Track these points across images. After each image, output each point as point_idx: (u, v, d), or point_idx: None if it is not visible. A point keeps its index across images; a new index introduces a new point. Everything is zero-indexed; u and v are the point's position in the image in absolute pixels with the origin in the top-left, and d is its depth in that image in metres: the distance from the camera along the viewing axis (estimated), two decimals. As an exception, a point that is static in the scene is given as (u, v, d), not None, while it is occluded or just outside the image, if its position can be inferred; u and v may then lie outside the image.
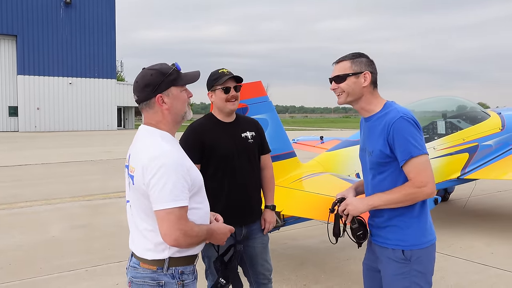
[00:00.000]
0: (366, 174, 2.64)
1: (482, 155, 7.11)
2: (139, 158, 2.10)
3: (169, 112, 2.18)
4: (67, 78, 43.66)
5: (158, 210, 2.02)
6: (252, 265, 3.33)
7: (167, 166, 2.01)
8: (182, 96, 2.21)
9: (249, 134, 3.24)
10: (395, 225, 2.50)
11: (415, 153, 2.36)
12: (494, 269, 5.25)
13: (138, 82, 2.19)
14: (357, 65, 2.52)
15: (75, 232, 7.01)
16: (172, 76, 2.17)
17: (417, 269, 2.47)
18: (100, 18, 44.77)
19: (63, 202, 9.29)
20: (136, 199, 2.14)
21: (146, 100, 2.18)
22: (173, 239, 2.02)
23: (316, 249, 6.04)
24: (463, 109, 7.88)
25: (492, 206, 8.66)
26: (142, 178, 2.05)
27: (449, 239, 6.42)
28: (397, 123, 2.39)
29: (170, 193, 1.99)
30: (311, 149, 9.38)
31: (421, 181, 2.36)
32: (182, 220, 2.03)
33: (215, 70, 3.22)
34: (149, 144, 2.12)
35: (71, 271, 5.21)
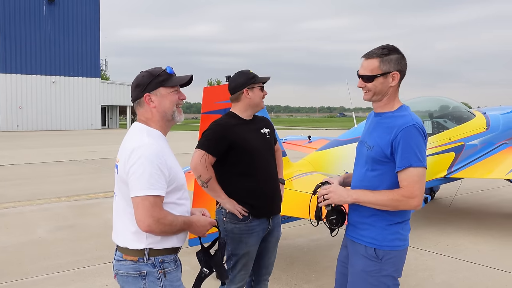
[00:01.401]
0: (360, 166, 2.61)
1: (468, 154, 7.22)
2: (124, 150, 2.26)
3: (157, 110, 2.33)
4: (50, 76, 43.06)
5: (134, 197, 2.15)
6: (260, 257, 3.37)
7: (145, 156, 2.16)
8: (170, 96, 2.34)
9: (266, 131, 3.38)
10: (372, 224, 2.51)
11: (415, 163, 2.35)
12: (481, 267, 5.33)
13: (133, 83, 2.39)
14: (386, 64, 2.44)
15: (61, 232, 6.92)
16: (161, 78, 2.33)
17: (387, 269, 2.48)
18: (84, 16, 44.26)
19: (48, 202, 9.16)
20: (120, 188, 2.29)
21: (137, 99, 2.36)
22: (146, 225, 2.13)
23: (307, 248, 6.06)
24: (449, 109, 7.99)
25: (477, 205, 8.79)
26: (124, 167, 2.21)
27: (436, 237, 6.51)
28: (409, 129, 2.38)
29: (146, 181, 2.13)
30: (299, 149, 9.42)
31: (411, 192, 2.36)
32: (156, 208, 2.14)
33: (241, 71, 3.34)
34: (134, 137, 2.29)
35: (59, 273, 5.14)
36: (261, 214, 3.23)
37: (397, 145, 2.39)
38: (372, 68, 2.47)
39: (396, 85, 2.50)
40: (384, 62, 2.45)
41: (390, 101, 2.53)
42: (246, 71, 3.33)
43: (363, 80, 2.51)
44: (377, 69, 2.46)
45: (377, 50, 2.49)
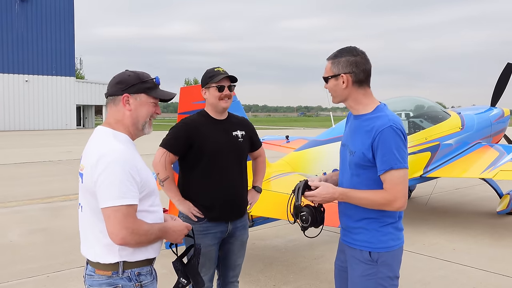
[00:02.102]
0: (345, 171, 2.59)
1: (443, 153, 7.32)
2: (89, 157, 2.09)
3: (130, 115, 2.19)
4: (23, 75, 42.07)
5: (104, 208, 1.99)
6: (225, 259, 3.33)
7: (115, 163, 2.00)
8: (148, 106, 2.21)
9: (239, 133, 3.28)
10: (364, 227, 2.50)
11: (396, 165, 2.34)
12: (457, 265, 5.40)
13: (115, 78, 2.23)
14: (335, 66, 2.46)
15: (34, 236, 6.74)
16: (147, 84, 2.20)
17: (383, 271, 2.47)
18: (57, 14, 43.38)
19: (20, 205, 8.92)
20: (86, 199, 2.12)
21: (113, 95, 2.20)
22: (120, 237, 1.98)
23: (284, 248, 6.04)
24: (425, 108, 8.09)
25: (452, 203, 8.93)
26: (91, 176, 2.03)
27: (413, 236, 6.56)
28: (386, 131, 2.35)
29: (117, 190, 1.97)
30: (277, 149, 9.42)
31: (393, 195, 2.35)
32: (129, 218, 1.99)
33: (211, 68, 3.25)
34: (100, 142, 2.12)
35: (30, 278, 4.99)
36: (216, 218, 3.17)
37: (376, 148, 2.37)
38: (327, 70, 2.52)
39: (350, 87, 2.47)
40: (334, 64, 2.48)
41: (359, 102, 2.51)
42: (210, 69, 3.25)
43: (324, 81, 2.56)
44: (329, 71, 2.50)
45: (335, 52, 2.52)
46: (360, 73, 2.47)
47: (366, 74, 2.49)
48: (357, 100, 2.50)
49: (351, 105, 2.54)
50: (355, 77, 2.46)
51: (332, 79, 2.47)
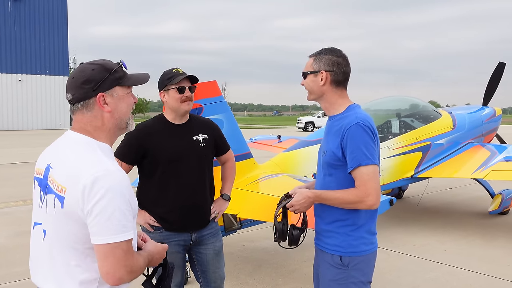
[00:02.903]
0: (319, 172, 2.59)
1: (434, 153, 7.28)
2: (74, 176, 1.68)
3: (112, 116, 1.81)
4: (16, 75, 41.79)
5: (101, 245, 1.64)
6: (203, 271, 3.21)
7: (114, 189, 1.64)
8: (127, 99, 1.85)
9: (201, 137, 3.10)
10: (335, 231, 2.46)
11: (364, 162, 2.32)
12: (447, 267, 5.35)
13: (75, 77, 1.80)
14: (317, 63, 2.47)
15: (22, 238, 6.63)
16: (117, 74, 1.82)
17: (355, 275, 2.43)
18: (51, 12, 43.12)
19: (9, 206, 8.81)
20: (61, 226, 1.72)
21: (83, 99, 1.78)
22: (117, 278, 1.66)
23: (274, 250, 5.97)
24: (416, 108, 8.05)
25: (444, 203, 8.90)
26: (82, 203, 1.64)
27: (404, 237, 6.53)
28: (352, 129, 2.35)
29: (118, 223, 1.64)
30: (268, 149, 9.36)
31: (364, 192, 2.32)
32: (128, 255, 1.68)
33: (169, 69, 3.07)
34: (87, 159, 1.71)
35: (15, 282, 4.90)
36: (174, 228, 3.03)
37: (345, 146, 2.37)
38: (307, 65, 2.53)
39: (327, 86, 2.48)
40: (316, 61, 2.49)
41: (333, 103, 2.52)
42: (168, 70, 3.06)
43: (302, 77, 2.56)
44: (309, 67, 2.52)
45: (319, 50, 2.55)
46: (340, 73, 2.48)
47: (345, 77, 2.51)
48: (331, 100, 2.51)
49: (325, 105, 2.55)
50: (334, 76, 2.47)
51: (311, 75, 2.48)
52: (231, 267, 5.28)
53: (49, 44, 43.11)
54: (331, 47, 2.54)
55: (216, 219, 3.27)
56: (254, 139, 9.97)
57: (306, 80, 2.51)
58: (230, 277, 4.96)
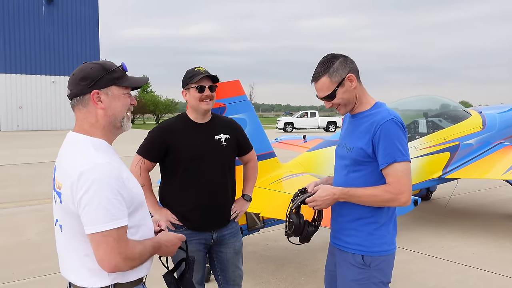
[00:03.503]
0: (340, 169, 2.52)
1: (463, 154, 7.11)
2: (66, 173, 1.79)
3: (105, 114, 1.89)
4: (50, 76, 42.96)
5: (93, 234, 1.72)
6: (222, 270, 3.22)
7: (100, 181, 1.72)
8: (123, 99, 1.92)
9: (223, 137, 3.09)
10: (356, 229, 2.41)
11: (399, 158, 2.28)
12: (475, 270, 5.22)
13: (75, 74, 1.90)
14: (335, 75, 2.38)
15: (52, 234, 6.80)
16: (115, 74, 1.90)
17: (376, 275, 2.39)
18: (83, 16, 44.14)
19: (41, 203, 9.06)
20: (65, 219, 1.84)
21: (79, 95, 1.88)
22: (113, 265, 1.74)
23: (297, 250, 5.95)
24: (445, 108, 7.88)
25: (473, 205, 8.68)
26: (71, 196, 1.75)
27: (431, 239, 6.40)
28: (387, 124, 2.31)
29: (106, 212, 1.71)
30: (294, 149, 9.33)
31: (399, 188, 2.28)
32: (121, 242, 1.74)
33: (191, 68, 3.09)
34: (78, 155, 1.81)
35: (43, 276, 5.05)
36: (195, 227, 3.04)
37: (377, 142, 2.31)
38: (327, 87, 2.40)
39: (357, 85, 2.43)
40: (332, 74, 2.39)
41: (361, 101, 2.47)
42: (190, 69, 3.07)
43: (327, 101, 2.45)
44: (331, 84, 2.39)
45: (319, 68, 2.42)
46: (356, 67, 2.45)
47: (358, 70, 2.47)
48: (363, 99, 2.47)
49: (357, 104, 2.47)
50: (356, 73, 2.43)
51: (340, 89, 2.38)
52: (254, 266, 5.30)
53: (81, 46, 44.12)
54: (325, 57, 2.45)
55: (237, 219, 3.27)
56: (279, 139, 9.96)
57: (337, 97, 2.40)
58: (252, 275, 4.99)
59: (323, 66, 2.41)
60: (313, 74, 2.45)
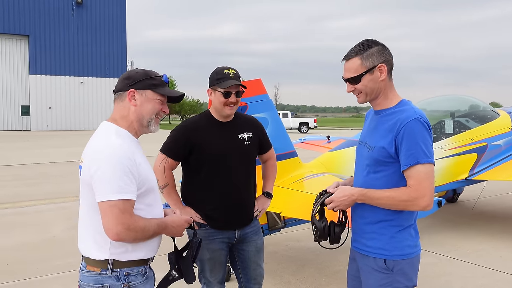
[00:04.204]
0: (361, 169, 2.43)
1: (491, 155, 6.92)
2: (88, 150, 2.10)
3: (135, 111, 2.17)
4: (79, 77, 43.83)
5: (101, 202, 1.97)
6: (244, 268, 3.21)
7: (112, 157, 1.98)
8: (155, 103, 2.20)
9: (246, 136, 3.08)
10: (377, 232, 2.32)
11: (423, 160, 2.17)
12: (502, 274, 5.07)
13: (123, 74, 2.27)
14: (368, 59, 2.26)
15: (76, 232, 6.90)
16: (154, 81, 2.20)
17: (400, 280, 2.29)
18: (111, 18, 44.92)
19: (67, 201, 9.25)
20: (84, 193, 2.11)
21: (120, 90, 2.20)
22: (115, 233, 1.95)
23: (319, 250, 5.89)
24: (472, 108, 7.69)
25: (501, 208, 8.44)
26: (88, 169, 2.02)
27: (457, 242, 6.25)
28: (411, 124, 2.19)
29: (115, 184, 1.95)
30: (317, 149, 9.25)
31: (419, 192, 2.17)
32: (126, 214, 1.96)
33: (221, 67, 3.04)
34: (100, 136, 2.12)
35: (68, 272, 5.14)
36: (220, 226, 3.03)
37: (400, 142, 2.20)
38: (355, 68, 2.29)
39: (386, 78, 2.31)
40: (366, 58, 2.27)
41: (387, 96, 2.35)
42: (220, 69, 3.02)
43: (350, 84, 2.34)
44: (360, 67, 2.28)
45: (355, 48, 2.32)
46: (392, 61, 2.33)
47: (392, 64, 2.35)
48: (388, 94, 2.34)
49: (379, 101, 2.36)
50: (389, 65, 2.32)
51: (367, 75, 2.27)
52: (274, 266, 5.27)
53: (109, 48, 44.89)
54: (366, 40, 2.34)
55: (258, 217, 3.26)
56: (303, 140, 9.91)
57: (362, 82, 2.29)
58: (273, 275, 4.96)
59: (360, 47, 2.31)
60: (347, 52, 2.35)
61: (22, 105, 42.71)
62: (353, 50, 2.32)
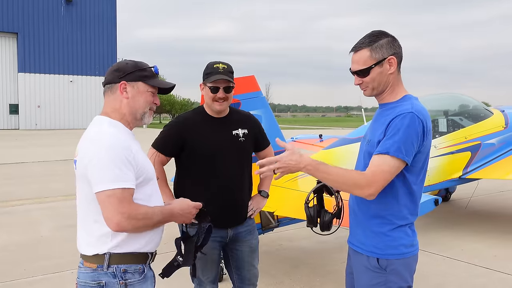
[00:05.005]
0: (360, 163, 2.35)
1: (485, 154, 6.90)
2: (81, 142, 2.05)
3: (128, 104, 2.12)
4: (68, 76, 43.45)
5: (98, 192, 1.90)
6: (238, 268, 3.12)
7: (108, 145, 1.94)
8: (146, 95, 2.14)
9: (240, 132, 2.99)
10: (371, 229, 2.23)
11: (394, 153, 2.05)
12: (498, 273, 5.03)
13: (113, 65, 2.19)
14: (377, 51, 2.16)
15: (64, 231, 6.80)
16: (145, 73, 2.14)
17: (393, 280, 2.20)
18: (101, 16, 44.56)
19: (55, 200, 9.09)
20: (80, 186, 2.04)
21: (110, 83, 2.13)
22: (115, 223, 1.89)
23: (312, 250, 5.83)
24: (466, 106, 7.67)
25: (494, 207, 8.43)
26: (82, 160, 1.97)
27: (450, 241, 6.21)
28: (403, 117, 2.09)
29: (111, 173, 1.89)
30: (310, 148, 9.20)
31: (370, 179, 2.05)
32: (124, 203, 1.89)
33: (212, 62, 2.95)
34: (93, 128, 2.08)
35: (56, 273, 5.01)
36: (215, 225, 2.96)
37: (386, 130, 2.12)
38: (364, 60, 2.19)
39: (395, 71, 2.22)
40: (375, 50, 2.17)
41: (393, 90, 2.25)
42: (210, 64, 2.94)
43: (358, 76, 2.24)
44: (369, 60, 2.18)
45: (364, 39, 2.21)
46: (401, 53, 2.24)
47: (402, 56, 2.26)
48: (396, 88, 2.24)
49: (385, 96, 2.25)
50: (399, 58, 2.22)
51: (376, 67, 2.17)
52: (267, 266, 5.18)
53: (99, 46, 44.54)
54: (375, 31, 2.24)
55: (253, 216, 3.18)
56: (295, 138, 9.85)
57: (370, 75, 2.19)
58: (266, 276, 4.87)
59: (369, 38, 2.20)
60: (355, 44, 2.23)
61: (11, 103, 42.20)
62: (362, 41, 2.21)
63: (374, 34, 2.21)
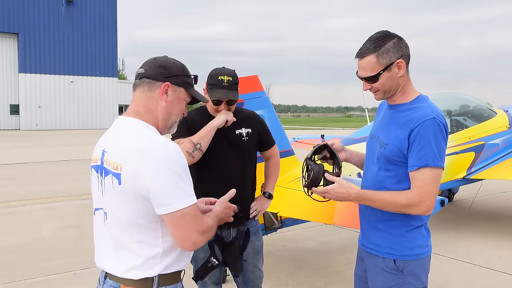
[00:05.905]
0: (371, 164, 2.30)
1: (489, 154, 6.87)
2: (123, 152, 1.73)
3: (165, 108, 1.86)
4: (69, 76, 43.42)
5: (170, 213, 1.67)
6: (244, 271, 3.07)
7: (170, 158, 1.68)
8: (182, 104, 1.92)
9: (244, 131, 2.95)
10: (387, 231, 2.21)
11: (433, 163, 2.05)
12: (503, 274, 4.99)
13: (156, 60, 1.90)
14: (384, 56, 2.11)
15: (66, 232, 6.77)
16: (189, 79, 1.93)
17: (410, 281, 2.18)
18: (101, 16, 44.54)
19: (57, 201, 9.07)
20: (121, 203, 1.75)
21: (152, 78, 1.84)
22: (192, 243, 1.72)
23: (316, 251, 5.79)
24: (469, 106, 7.63)
25: (499, 207, 8.39)
26: (137, 176, 1.67)
27: (455, 242, 6.17)
28: (427, 123, 2.05)
29: (180, 189, 1.67)
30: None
31: (423, 196, 2.05)
32: (198, 219, 1.72)
33: (218, 71, 2.89)
34: (134, 134, 1.76)
35: (57, 274, 4.97)
36: None
37: (413, 140, 2.08)
38: (371, 67, 2.13)
39: (405, 74, 2.18)
40: (382, 55, 2.11)
41: (404, 91, 2.21)
42: (215, 73, 2.88)
43: (367, 82, 2.19)
44: (377, 66, 2.12)
45: (369, 44, 2.14)
46: (409, 53, 2.18)
47: (409, 56, 2.21)
48: (406, 90, 2.21)
49: (395, 97, 2.22)
50: (407, 59, 2.17)
51: (385, 73, 2.12)
52: (271, 267, 5.14)
53: (100, 46, 44.52)
54: (379, 33, 2.19)
55: (257, 218, 3.13)
56: (297, 138, 9.81)
57: (379, 81, 2.14)
58: (270, 277, 4.83)
59: (374, 43, 2.13)
60: (360, 49, 2.17)
61: (11, 104, 42.18)
62: (367, 47, 2.14)
63: (379, 38, 2.15)
